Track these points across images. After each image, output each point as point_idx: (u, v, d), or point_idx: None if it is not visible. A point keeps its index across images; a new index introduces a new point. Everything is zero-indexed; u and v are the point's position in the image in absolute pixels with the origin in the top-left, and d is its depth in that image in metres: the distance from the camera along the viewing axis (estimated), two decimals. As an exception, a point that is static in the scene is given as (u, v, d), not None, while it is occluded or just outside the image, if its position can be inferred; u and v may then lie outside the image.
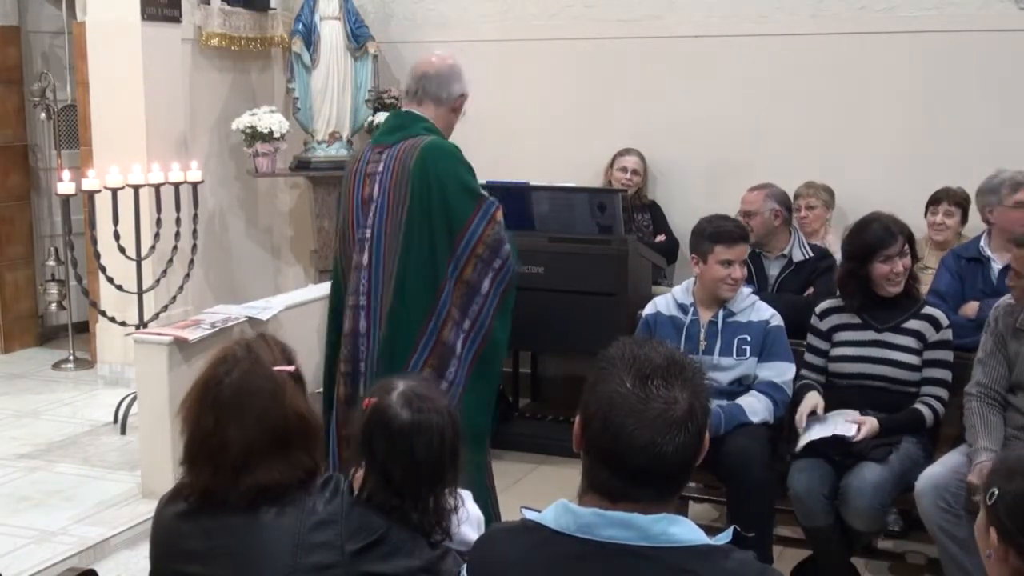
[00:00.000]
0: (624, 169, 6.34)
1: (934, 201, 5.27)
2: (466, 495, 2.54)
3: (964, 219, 5.25)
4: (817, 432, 4.03)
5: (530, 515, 1.87)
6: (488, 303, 3.64)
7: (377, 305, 3.65)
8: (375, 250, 3.65)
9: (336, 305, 3.88)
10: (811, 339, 4.34)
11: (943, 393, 4.11)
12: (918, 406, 4.08)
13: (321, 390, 3.98)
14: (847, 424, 4.01)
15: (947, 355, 4.15)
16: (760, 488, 4.05)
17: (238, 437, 2.21)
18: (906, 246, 4.12)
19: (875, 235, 4.11)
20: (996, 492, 1.79)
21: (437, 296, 3.58)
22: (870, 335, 4.19)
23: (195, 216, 6.14)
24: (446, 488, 2.35)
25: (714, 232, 4.29)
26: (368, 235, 3.67)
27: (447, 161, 3.66)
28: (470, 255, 3.59)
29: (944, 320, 4.16)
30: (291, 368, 2.33)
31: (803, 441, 4.05)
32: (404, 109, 3.90)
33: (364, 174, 3.74)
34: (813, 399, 4.14)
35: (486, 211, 3.66)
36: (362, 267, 3.68)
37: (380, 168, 3.69)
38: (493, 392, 3.89)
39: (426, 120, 3.78)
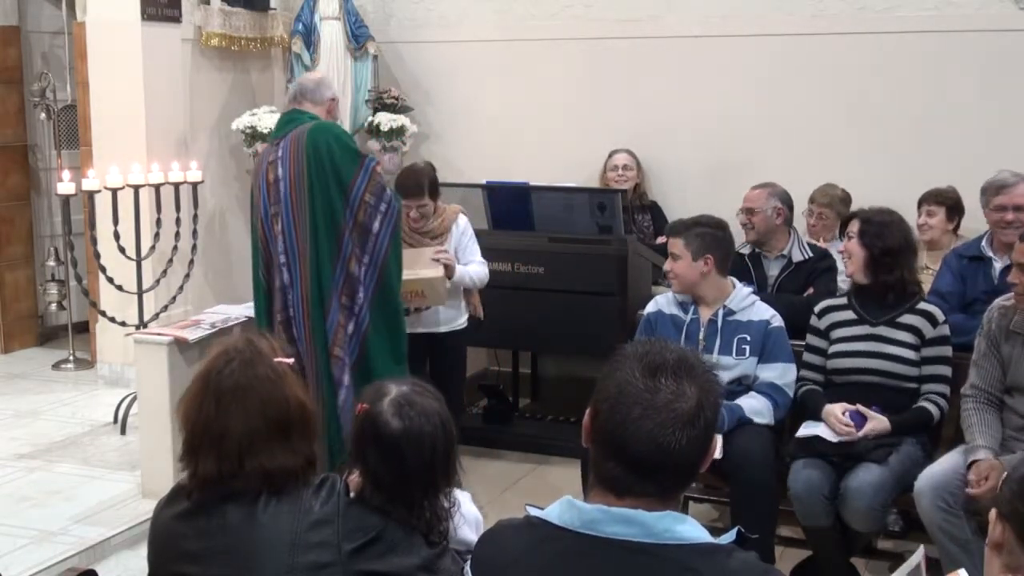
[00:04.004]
0: (615, 167, 6.35)
1: (919, 203, 5.29)
2: (464, 497, 2.55)
3: (951, 217, 5.24)
4: (810, 428, 4.08)
5: (535, 512, 1.88)
6: (381, 238, 4.39)
7: (295, 262, 4.39)
8: (286, 218, 4.39)
9: (257, 269, 4.61)
10: (810, 339, 4.35)
11: (945, 389, 4.12)
12: (924, 404, 4.10)
13: None
14: (837, 426, 4.04)
15: (946, 351, 4.16)
16: (764, 488, 4.05)
17: (241, 424, 2.23)
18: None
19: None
20: (1007, 474, 1.82)
21: (340, 239, 4.35)
22: (865, 330, 4.21)
23: (195, 216, 6.14)
24: (439, 493, 2.36)
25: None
26: (280, 209, 4.41)
27: (331, 133, 4.44)
28: (360, 203, 4.35)
29: (940, 315, 4.17)
30: (290, 360, 2.35)
31: (802, 432, 4.09)
32: (290, 108, 4.64)
33: (267, 164, 4.46)
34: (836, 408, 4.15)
35: (367, 168, 4.39)
36: (279, 234, 4.42)
37: (279, 155, 4.43)
38: (397, 330, 4.53)
39: (310, 113, 4.53)
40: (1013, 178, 4.66)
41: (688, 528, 1.77)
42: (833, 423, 4.06)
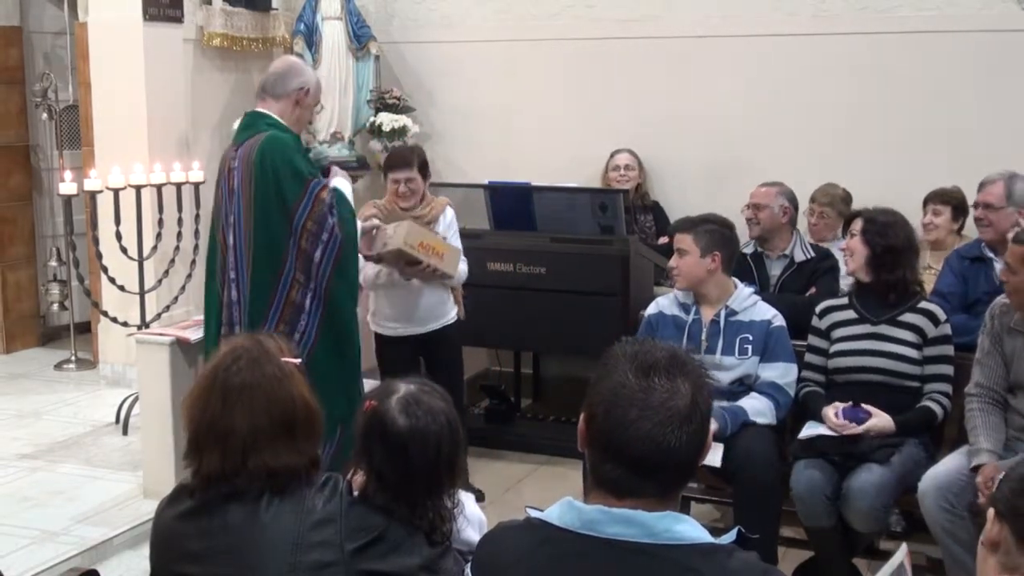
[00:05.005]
0: (617, 168, 6.36)
1: (924, 202, 5.31)
2: (467, 498, 2.55)
3: (956, 217, 5.25)
4: (812, 429, 4.09)
5: (534, 513, 1.88)
6: (322, 268, 4.18)
7: (243, 278, 4.24)
8: (237, 232, 4.23)
9: (209, 279, 4.44)
10: (812, 339, 4.35)
11: (948, 389, 4.13)
12: (927, 403, 4.10)
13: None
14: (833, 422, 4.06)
15: (948, 350, 4.16)
16: (767, 489, 4.05)
17: (246, 421, 2.24)
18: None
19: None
20: (1006, 472, 1.82)
21: (281, 266, 4.17)
22: (866, 328, 4.21)
23: (197, 216, 6.14)
24: (443, 493, 2.36)
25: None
26: (232, 220, 4.25)
27: (281, 151, 4.19)
28: (302, 230, 4.14)
29: (942, 314, 4.18)
30: (296, 361, 2.36)
31: (804, 434, 4.10)
32: (252, 109, 4.42)
33: (228, 170, 4.29)
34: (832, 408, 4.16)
35: (311, 192, 4.17)
36: (230, 247, 4.26)
37: (236, 164, 4.25)
38: (344, 359, 4.27)
39: (269, 116, 4.30)
40: (997, 176, 4.70)
41: (688, 528, 1.77)
42: (830, 426, 4.07)
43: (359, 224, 4.41)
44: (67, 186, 5.45)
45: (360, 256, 4.61)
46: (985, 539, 1.79)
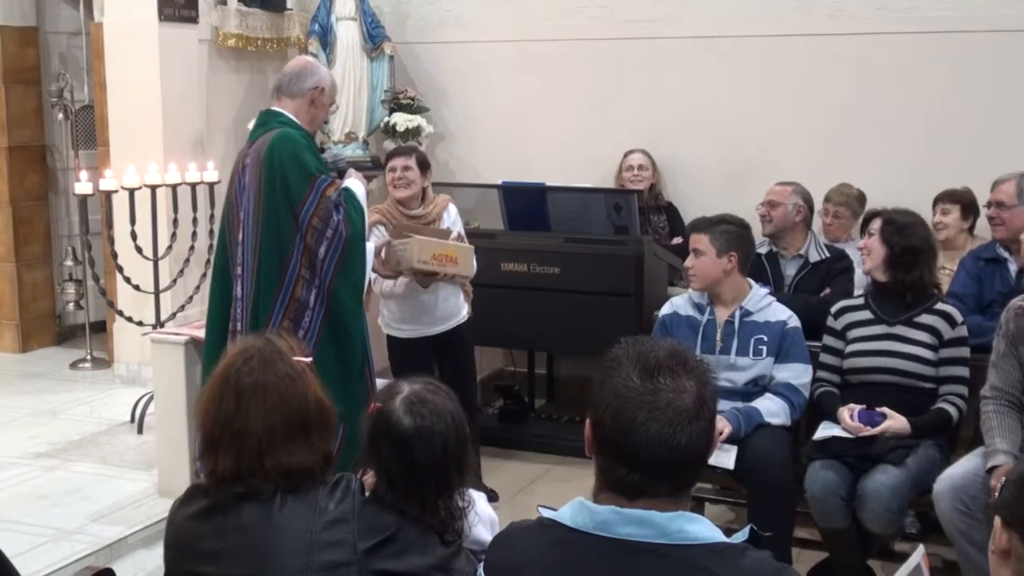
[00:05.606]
0: (631, 168, 6.35)
1: (934, 202, 5.30)
2: (478, 496, 2.55)
3: (966, 216, 5.24)
4: (827, 430, 4.08)
5: (547, 513, 1.88)
6: (326, 265, 4.17)
7: (249, 274, 4.23)
8: (246, 228, 4.23)
9: (215, 280, 4.44)
10: (827, 339, 4.34)
11: (963, 391, 4.11)
12: (943, 405, 4.08)
13: None
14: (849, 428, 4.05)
15: (964, 352, 4.15)
16: (781, 490, 4.04)
17: (260, 421, 2.25)
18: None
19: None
20: (1004, 480, 1.81)
21: (286, 262, 4.16)
22: (882, 329, 4.20)
23: (212, 216, 6.15)
24: (453, 491, 2.36)
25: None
26: (243, 216, 4.26)
27: (290, 148, 4.19)
28: (308, 226, 4.13)
29: (958, 316, 4.16)
30: (308, 360, 2.36)
31: (819, 435, 4.09)
32: (268, 108, 4.45)
33: (242, 166, 4.30)
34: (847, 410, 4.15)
35: (318, 188, 4.16)
36: (238, 243, 4.26)
37: (249, 160, 4.26)
38: (349, 366, 4.21)
39: (283, 115, 4.32)
40: (1009, 175, 4.70)
41: (701, 528, 1.77)
42: (845, 428, 4.06)
43: (369, 246, 4.40)
44: (83, 186, 5.47)
45: (374, 273, 4.64)
46: (995, 548, 1.78)
